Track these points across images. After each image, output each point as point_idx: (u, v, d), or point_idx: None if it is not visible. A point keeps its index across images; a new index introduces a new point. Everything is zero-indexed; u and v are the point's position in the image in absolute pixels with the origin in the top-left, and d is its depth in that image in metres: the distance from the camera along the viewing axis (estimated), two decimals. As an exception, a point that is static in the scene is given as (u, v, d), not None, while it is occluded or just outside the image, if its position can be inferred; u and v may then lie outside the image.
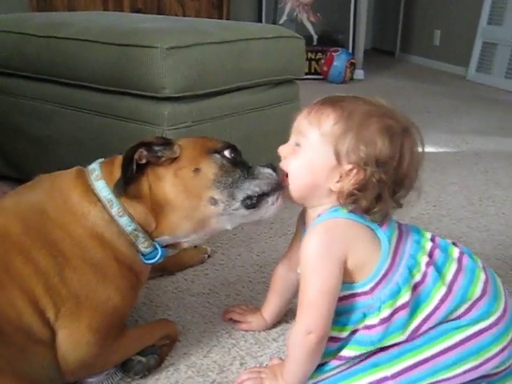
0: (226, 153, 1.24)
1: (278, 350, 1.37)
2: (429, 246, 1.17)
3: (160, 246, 1.24)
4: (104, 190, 1.20)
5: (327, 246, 1.11)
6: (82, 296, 1.13)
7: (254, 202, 1.22)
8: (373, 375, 1.13)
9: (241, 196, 1.21)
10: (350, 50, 5.55)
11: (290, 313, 1.48)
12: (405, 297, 1.11)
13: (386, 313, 1.11)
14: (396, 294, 1.11)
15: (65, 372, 1.14)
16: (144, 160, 1.19)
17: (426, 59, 6.92)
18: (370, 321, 1.13)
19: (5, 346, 1.06)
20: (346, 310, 1.16)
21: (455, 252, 1.19)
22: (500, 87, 5.34)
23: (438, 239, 1.21)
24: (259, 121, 2.11)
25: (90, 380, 1.21)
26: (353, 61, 5.34)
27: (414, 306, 1.12)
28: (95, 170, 1.23)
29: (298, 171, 1.15)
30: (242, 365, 1.32)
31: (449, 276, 1.14)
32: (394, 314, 1.11)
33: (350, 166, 1.08)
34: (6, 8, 3.67)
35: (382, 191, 1.09)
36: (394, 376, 1.12)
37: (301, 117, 1.17)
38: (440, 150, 3.20)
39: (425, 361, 1.12)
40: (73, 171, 1.26)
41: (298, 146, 1.15)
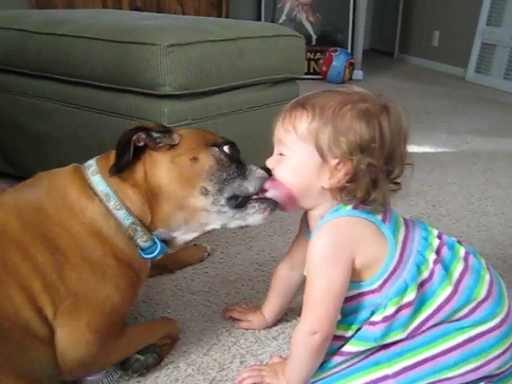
0: (225, 148, 1.25)
1: (279, 349, 1.37)
2: (436, 243, 1.17)
3: (159, 241, 1.24)
4: (100, 184, 1.19)
5: (334, 246, 1.10)
6: (81, 294, 1.13)
7: (238, 203, 1.22)
8: (374, 373, 1.13)
9: (227, 194, 1.21)
10: (349, 50, 5.54)
11: (290, 311, 1.48)
12: (411, 295, 1.10)
13: (390, 310, 1.11)
14: (403, 291, 1.11)
15: (63, 370, 1.14)
16: (142, 142, 1.19)
17: (424, 60, 6.92)
18: (374, 317, 1.13)
19: (3, 343, 1.05)
20: (353, 310, 1.16)
21: (462, 251, 1.19)
22: (499, 88, 5.35)
23: (444, 237, 1.20)
24: (259, 119, 2.11)
25: (89, 378, 1.21)
26: (352, 61, 5.34)
27: (418, 304, 1.11)
28: (91, 165, 1.23)
29: (287, 176, 1.15)
30: (242, 363, 1.32)
31: (455, 275, 1.13)
32: (398, 311, 1.11)
33: (337, 160, 1.08)
34: (5, 5, 3.65)
35: (375, 176, 1.08)
36: (395, 375, 1.12)
37: (277, 126, 1.16)
38: (439, 150, 3.20)
39: (426, 360, 1.11)
40: (69, 168, 1.26)
41: (281, 155, 1.15)
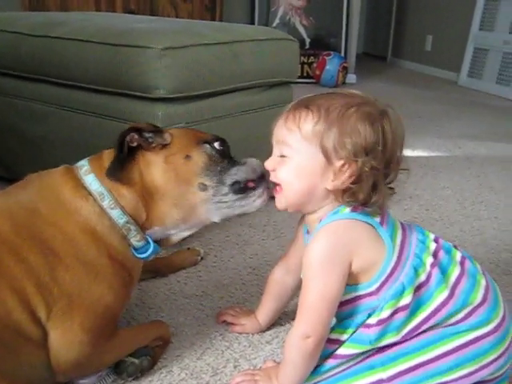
0: (216, 144, 1.28)
1: (272, 353, 1.37)
2: (433, 246, 1.17)
3: (152, 240, 1.24)
4: (94, 184, 1.20)
5: (331, 251, 1.09)
6: (75, 295, 1.12)
7: (242, 187, 1.26)
8: (368, 377, 1.13)
9: (229, 181, 1.25)
10: (343, 54, 5.55)
11: (283, 315, 1.48)
12: (408, 298, 1.10)
13: (386, 313, 1.10)
14: (400, 294, 1.10)
15: (57, 372, 1.13)
16: (135, 143, 1.20)
17: (417, 64, 6.95)
18: (369, 320, 1.13)
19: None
20: (349, 314, 1.16)
21: (458, 255, 1.18)
22: (491, 92, 5.37)
23: (441, 241, 1.20)
24: (253, 123, 2.11)
25: (83, 382, 1.20)
26: (345, 65, 5.35)
27: (414, 307, 1.11)
28: (84, 165, 1.24)
29: (291, 179, 1.13)
30: (235, 367, 1.32)
31: (452, 279, 1.13)
32: (393, 314, 1.10)
33: (342, 162, 1.07)
34: (-2, 7, 3.64)
35: (376, 179, 1.08)
36: (390, 379, 1.11)
37: (278, 126, 1.14)
38: (432, 154, 3.21)
39: (421, 365, 1.11)
40: (61, 169, 1.26)
41: (283, 156, 1.13)
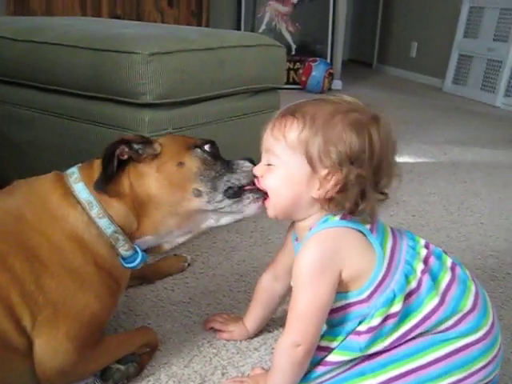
0: (206, 147, 1.27)
1: (260, 360, 1.36)
2: (424, 252, 1.16)
3: (140, 250, 1.24)
4: (83, 192, 1.19)
5: (321, 260, 1.09)
6: (60, 303, 1.11)
7: (236, 191, 1.24)
8: (359, 384, 1.13)
9: (222, 187, 1.24)
10: (329, 61, 5.56)
11: (271, 322, 1.47)
12: (398, 305, 1.09)
13: (376, 321, 1.09)
14: (391, 301, 1.10)
15: (42, 380, 1.12)
16: (126, 156, 1.20)
17: (402, 70, 6.99)
18: (359, 327, 1.12)
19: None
20: (340, 321, 1.15)
21: (448, 261, 1.18)
22: (475, 99, 5.41)
23: (431, 246, 1.19)
24: (240, 128, 2.10)
25: (68, 390, 1.19)
26: (331, 71, 5.36)
27: (403, 314, 1.10)
28: (74, 173, 1.22)
29: (277, 187, 1.13)
30: (223, 374, 1.30)
31: (443, 285, 1.13)
32: (384, 321, 1.10)
33: (326, 171, 1.07)
34: (-18, 12, 3.62)
35: (363, 187, 1.07)
36: (380, 385, 1.11)
37: (266, 134, 1.15)
38: (418, 160, 3.23)
39: (411, 371, 1.10)
40: (50, 175, 1.24)
41: (270, 165, 1.14)
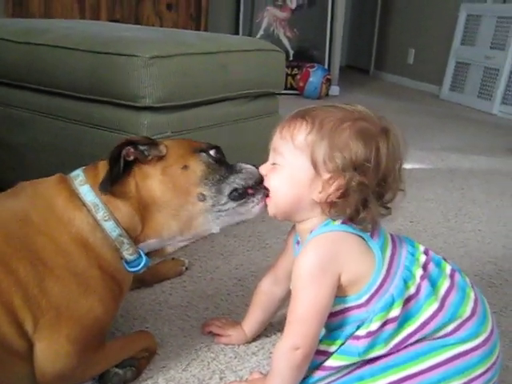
0: (212, 152, 1.27)
1: (258, 364, 1.36)
2: (423, 258, 1.16)
3: (144, 254, 1.23)
4: (89, 195, 1.18)
5: (321, 263, 1.09)
6: (63, 307, 1.11)
7: (241, 193, 1.24)
8: (358, 389, 1.12)
9: (227, 190, 1.23)
10: (326, 67, 5.57)
11: (269, 327, 1.47)
12: (397, 310, 1.09)
13: (375, 325, 1.09)
14: (389, 306, 1.10)
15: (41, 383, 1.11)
16: (132, 157, 1.20)
17: (399, 77, 7.01)
18: (358, 332, 1.12)
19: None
20: (338, 325, 1.15)
21: (447, 268, 1.18)
22: (472, 106, 5.43)
23: (431, 253, 1.20)
24: (239, 133, 2.11)
25: (66, 394, 1.18)
26: (329, 77, 5.37)
27: (402, 320, 1.10)
28: (79, 175, 1.22)
29: (280, 187, 1.14)
30: (221, 379, 1.30)
31: (442, 291, 1.13)
32: (383, 326, 1.10)
33: (329, 175, 1.07)
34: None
35: (366, 196, 1.07)
36: (379, 390, 1.11)
37: (275, 134, 1.16)
38: (415, 166, 3.23)
39: (410, 377, 1.10)
40: (55, 178, 1.24)
41: (275, 164, 1.15)
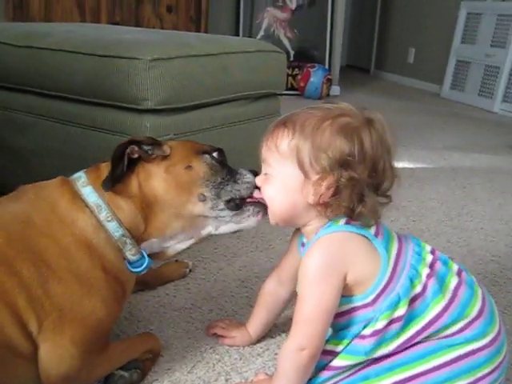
0: (215, 155, 1.28)
1: (263, 366, 1.36)
2: (429, 258, 1.16)
3: (146, 254, 1.24)
4: (92, 196, 1.19)
5: (326, 263, 1.09)
6: (67, 308, 1.11)
7: (238, 204, 1.26)
8: (363, 389, 1.12)
9: (225, 197, 1.25)
10: (327, 67, 5.57)
11: (274, 328, 1.47)
12: (403, 309, 1.09)
13: (381, 324, 1.10)
14: (395, 305, 1.10)
15: None
16: (136, 155, 1.21)
17: (400, 76, 7.01)
18: (364, 331, 1.12)
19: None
20: (345, 325, 1.15)
21: (455, 267, 1.18)
22: (473, 105, 5.43)
23: (437, 252, 1.20)
24: (241, 134, 2.11)
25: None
26: (329, 77, 5.37)
27: (408, 318, 1.10)
28: (81, 177, 1.23)
29: (274, 196, 1.16)
30: (227, 380, 1.30)
31: (450, 288, 1.13)
32: (388, 325, 1.10)
33: (318, 176, 1.08)
34: (-19, 18, 3.62)
35: (360, 189, 1.07)
36: (384, 390, 1.11)
37: (263, 146, 1.17)
38: (418, 165, 3.23)
39: (416, 376, 1.10)
40: (57, 180, 1.24)
41: (267, 175, 1.17)
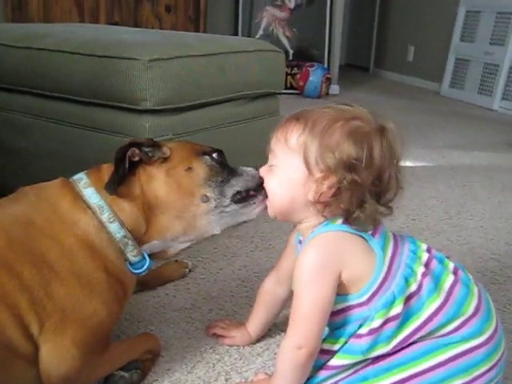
0: (215, 155, 1.29)
1: (263, 365, 1.36)
2: (425, 256, 1.16)
3: (147, 255, 1.24)
4: (94, 197, 1.19)
5: (321, 261, 1.10)
6: (68, 309, 1.11)
7: (244, 196, 1.27)
8: (362, 389, 1.12)
9: (230, 192, 1.26)
10: (326, 65, 5.57)
11: (274, 327, 1.47)
12: (398, 307, 1.10)
13: (377, 323, 1.10)
14: (390, 304, 1.10)
15: None
16: (137, 157, 1.21)
17: (399, 75, 7.01)
18: (360, 330, 1.12)
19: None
20: (341, 324, 1.15)
21: (451, 265, 1.18)
22: (473, 102, 5.44)
23: (433, 251, 1.20)
24: (240, 134, 2.11)
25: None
26: (328, 76, 5.37)
27: (404, 317, 1.10)
28: (82, 178, 1.23)
29: (276, 188, 1.16)
30: (227, 380, 1.30)
31: (446, 287, 1.13)
32: (384, 324, 1.10)
33: (322, 174, 1.08)
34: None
35: (361, 194, 1.07)
36: (383, 390, 1.11)
37: (272, 136, 1.18)
38: (417, 164, 3.23)
39: (414, 376, 1.10)
40: (57, 181, 1.24)
41: (272, 166, 1.17)
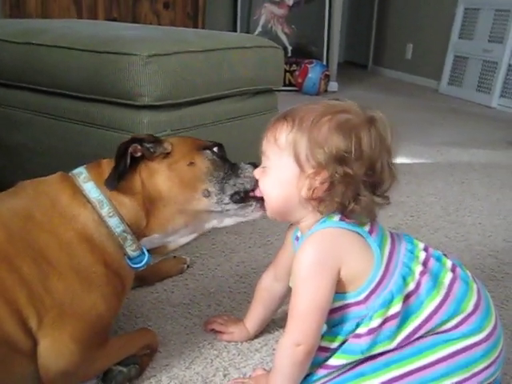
0: (215, 150, 1.30)
1: (262, 361, 1.36)
2: (422, 255, 1.16)
3: (147, 250, 1.24)
4: (94, 191, 1.20)
5: (320, 258, 1.09)
6: (67, 304, 1.11)
7: (243, 197, 1.28)
8: (359, 385, 1.12)
9: (229, 191, 1.26)
10: (324, 62, 5.57)
11: (272, 323, 1.47)
12: (397, 306, 1.09)
13: (376, 322, 1.10)
14: (388, 303, 1.10)
15: (45, 382, 1.12)
16: (139, 153, 1.22)
17: (398, 72, 7.01)
18: (359, 330, 1.12)
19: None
20: (338, 322, 1.15)
21: (448, 263, 1.18)
22: (471, 100, 5.44)
23: (431, 250, 1.20)
24: (239, 130, 2.11)
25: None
26: (327, 73, 5.37)
27: (404, 316, 1.10)
28: (82, 173, 1.23)
29: (270, 189, 1.16)
30: (225, 376, 1.30)
31: (445, 284, 1.13)
32: (383, 323, 1.10)
33: (313, 170, 1.08)
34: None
35: (355, 187, 1.07)
36: (381, 386, 1.11)
37: (263, 138, 1.18)
38: (415, 161, 3.23)
39: (412, 372, 1.10)
40: (57, 176, 1.24)
41: (265, 167, 1.17)
